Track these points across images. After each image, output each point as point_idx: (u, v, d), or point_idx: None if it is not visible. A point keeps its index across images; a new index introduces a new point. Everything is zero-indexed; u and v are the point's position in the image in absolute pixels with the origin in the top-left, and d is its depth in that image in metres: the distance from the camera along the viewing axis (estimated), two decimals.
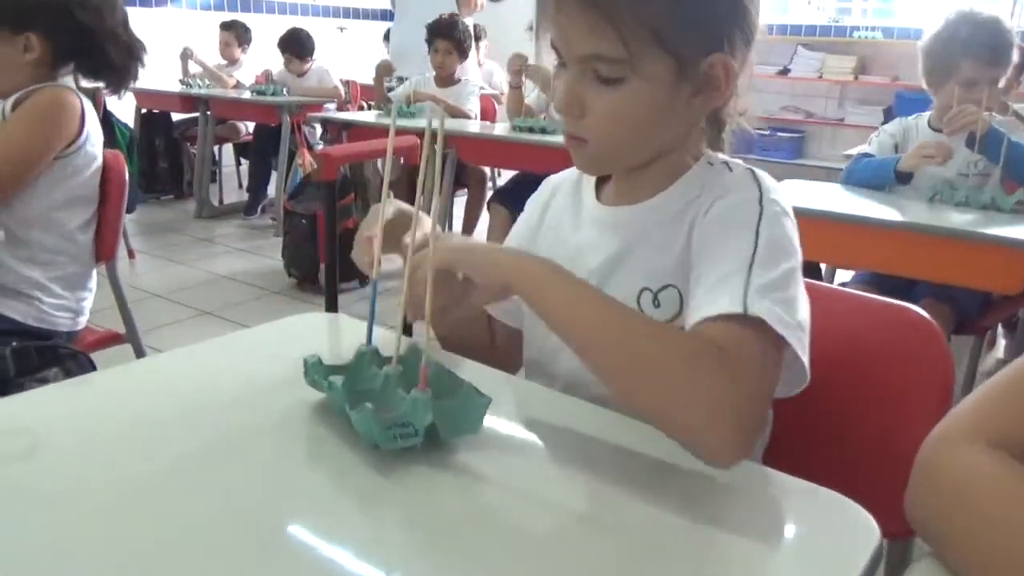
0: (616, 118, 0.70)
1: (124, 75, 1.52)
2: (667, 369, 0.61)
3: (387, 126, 1.97)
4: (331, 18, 6.18)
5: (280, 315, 0.99)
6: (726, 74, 0.71)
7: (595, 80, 0.70)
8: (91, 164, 1.50)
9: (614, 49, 0.67)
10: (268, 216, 4.36)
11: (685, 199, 0.76)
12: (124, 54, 1.50)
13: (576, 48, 0.70)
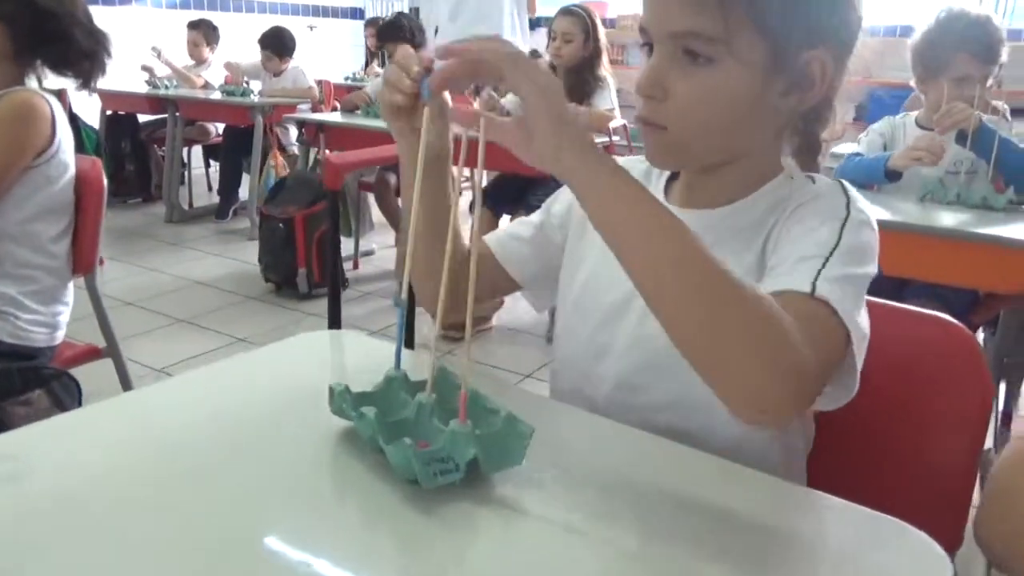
0: (701, 101, 0.67)
1: (93, 64, 1.44)
2: (740, 315, 0.56)
3: (365, 127, 1.95)
4: (300, 16, 6.07)
5: (259, 321, 0.94)
6: (822, 74, 0.68)
7: (684, 59, 0.66)
8: (64, 173, 1.43)
9: (712, 25, 0.64)
10: (245, 219, 4.27)
11: (764, 209, 0.73)
12: (91, 40, 1.42)
13: (670, 23, 0.66)
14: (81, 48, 1.41)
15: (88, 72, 1.44)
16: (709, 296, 0.56)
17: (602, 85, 2.93)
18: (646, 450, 0.67)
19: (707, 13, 0.63)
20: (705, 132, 0.69)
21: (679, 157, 0.74)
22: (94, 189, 1.51)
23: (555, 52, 2.93)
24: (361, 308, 3.05)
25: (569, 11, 2.96)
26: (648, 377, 0.76)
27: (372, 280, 3.40)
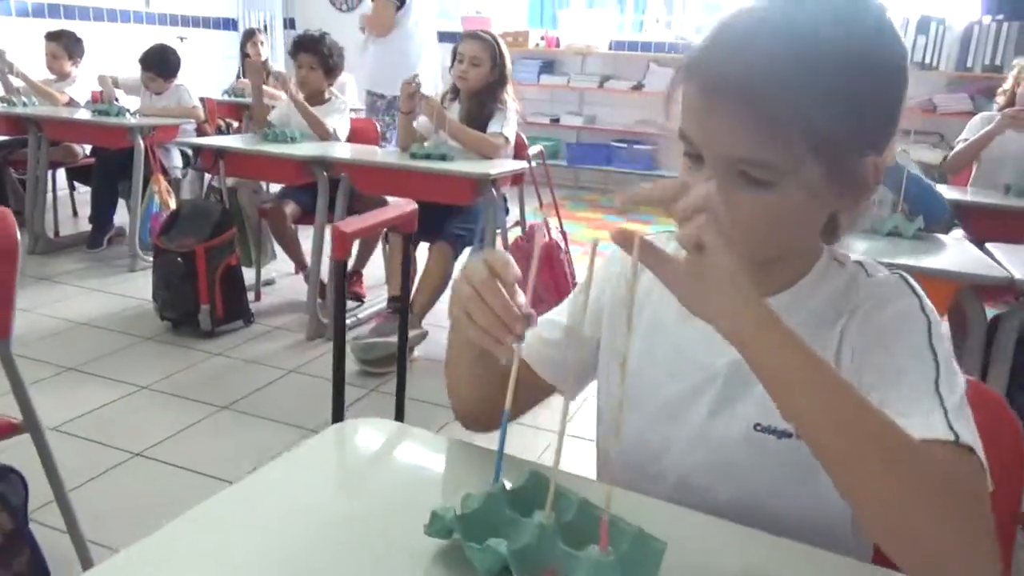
0: (755, 222, 0.66)
1: None
2: (924, 484, 0.55)
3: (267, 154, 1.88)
4: (169, 26, 5.70)
5: (161, 365, 0.87)
6: (875, 173, 0.68)
7: (739, 180, 0.65)
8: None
9: (771, 153, 0.62)
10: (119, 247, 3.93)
11: (823, 300, 0.73)
12: None
13: (729, 148, 0.64)
14: None
15: None
16: (892, 463, 0.56)
17: (501, 108, 2.92)
18: (769, 552, 0.65)
19: (766, 141, 0.62)
20: (758, 246, 0.68)
21: None
22: (4, 244, 1.32)
23: (460, 75, 2.90)
24: (271, 345, 2.88)
25: (477, 36, 2.94)
26: (713, 477, 0.75)
27: (278, 312, 3.22)
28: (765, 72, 0.61)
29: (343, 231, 1.02)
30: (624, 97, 6.11)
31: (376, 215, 1.16)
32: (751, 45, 0.63)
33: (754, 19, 0.64)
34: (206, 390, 2.46)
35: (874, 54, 0.64)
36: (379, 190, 2.90)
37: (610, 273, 0.86)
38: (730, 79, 0.62)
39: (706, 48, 0.67)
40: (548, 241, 2.79)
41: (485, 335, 0.65)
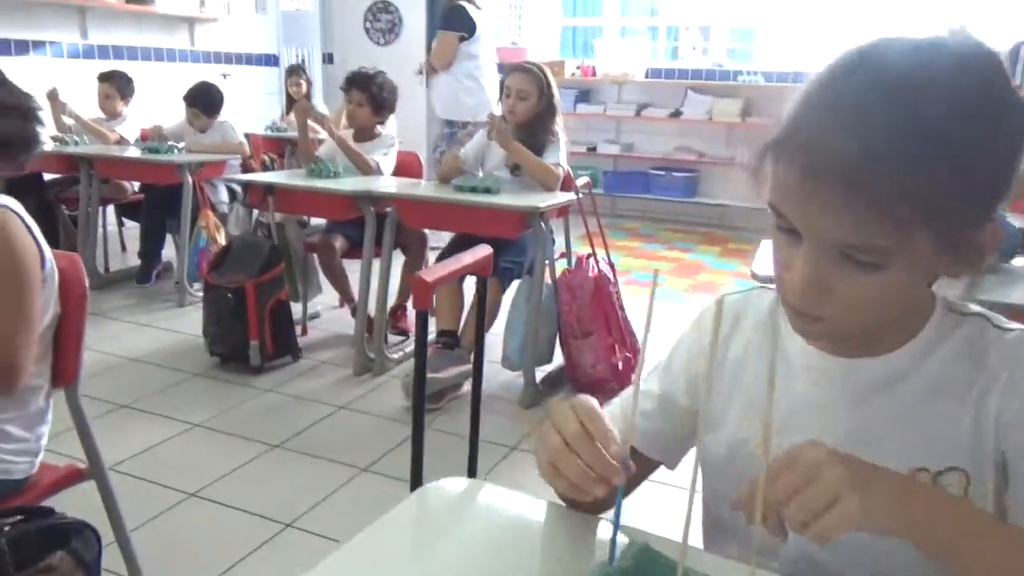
0: (867, 302, 0.62)
1: (26, 145, 1.22)
2: None
3: (316, 190, 1.86)
4: (213, 64, 5.82)
5: (211, 402, 0.84)
6: (992, 240, 0.63)
7: (845, 262, 0.60)
8: (54, 290, 1.26)
9: (883, 238, 0.57)
10: (167, 282, 3.99)
11: (945, 362, 0.68)
12: (16, 119, 1.20)
13: (834, 231, 0.59)
14: (7, 136, 1.19)
15: (20, 154, 1.23)
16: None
17: (553, 140, 2.92)
18: None
19: (878, 225, 0.57)
20: (871, 322, 0.65)
21: (841, 341, 0.70)
22: (75, 290, 1.33)
23: (509, 109, 2.90)
24: (319, 380, 2.87)
25: (524, 68, 2.94)
26: (833, 552, 0.70)
27: (324, 347, 3.22)
28: (872, 152, 0.56)
29: (425, 280, 0.99)
30: (662, 125, 6.09)
31: (455, 262, 1.14)
32: (852, 120, 0.57)
33: (850, 87, 0.59)
34: (257, 428, 2.45)
35: (992, 115, 0.58)
36: (426, 224, 2.90)
37: (701, 334, 0.82)
38: (833, 162, 0.57)
39: (799, 123, 0.61)
40: (597, 274, 2.75)
41: (575, 487, 0.63)
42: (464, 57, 4.43)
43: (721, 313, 0.81)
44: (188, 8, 5.33)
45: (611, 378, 2.75)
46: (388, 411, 2.61)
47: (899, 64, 0.58)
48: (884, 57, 0.59)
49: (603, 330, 2.73)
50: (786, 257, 0.64)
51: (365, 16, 7.00)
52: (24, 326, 1.15)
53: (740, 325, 0.80)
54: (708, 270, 4.72)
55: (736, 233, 5.88)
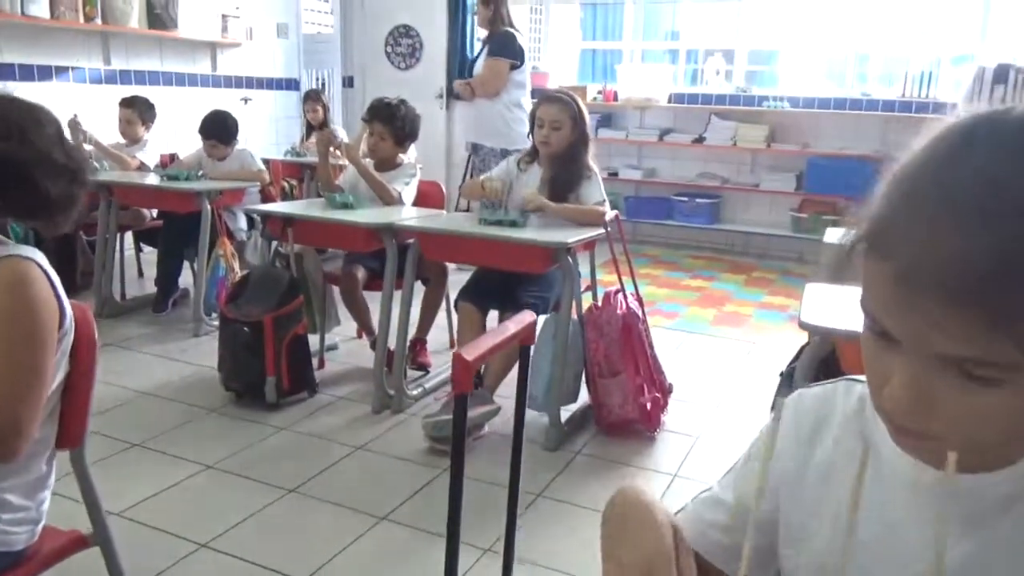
0: (987, 420, 0.50)
1: (67, 207, 1.15)
2: None
3: (337, 222, 1.76)
4: (234, 88, 5.82)
5: (226, 441, 0.76)
6: None
7: (957, 377, 0.49)
8: (66, 354, 1.18)
9: (1000, 353, 0.46)
10: (183, 309, 3.93)
11: None
12: (64, 181, 1.14)
13: (935, 348, 0.48)
14: (50, 197, 1.12)
15: (60, 217, 1.16)
16: None
17: (590, 175, 2.83)
18: None
19: (997, 340, 0.45)
20: (991, 442, 0.54)
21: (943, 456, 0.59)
22: (85, 344, 1.25)
23: (543, 139, 2.81)
24: (336, 418, 2.78)
25: (556, 98, 2.86)
26: None
27: (341, 381, 3.14)
28: (993, 256, 0.44)
29: (465, 360, 0.90)
30: (685, 150, 6.01)
31: (496, 334, 1.05)
32: (964, 218, 0.46)
33: (959, 177, 0.47)
34: (272, 470, 2.36)
35: None
36: (449, 257, 2.83)
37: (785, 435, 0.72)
38: (941, 270, 0.45)
39: (897, 215, 0.50)
40: (626, 311, 2.65)
41: None
42: (513, 85, 4.41)
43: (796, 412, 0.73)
44: (210, 33, 5.32)
45: (639, 419, 2.64)
46: (408, 452, 2.51)
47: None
48: (1004, 133, 0.49)
49: (632, 369, 2.62)
50: (882, 365, 0.53)
51: (386, 40, 6.99)
52: (34, 390, 1.07)
53: (826, 424, 0.70)
54: (733, 300, 4.60)
55: (760, 261, 5.76)
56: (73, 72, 4.74)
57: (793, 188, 5.68)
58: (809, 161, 5.60)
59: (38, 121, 1.12)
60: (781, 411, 0.73)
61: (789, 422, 0.72)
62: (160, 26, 5.01)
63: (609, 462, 2.50)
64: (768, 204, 5.91)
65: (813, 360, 1.68)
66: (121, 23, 4.74)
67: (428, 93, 6.71)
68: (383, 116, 3.17)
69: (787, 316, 4.29)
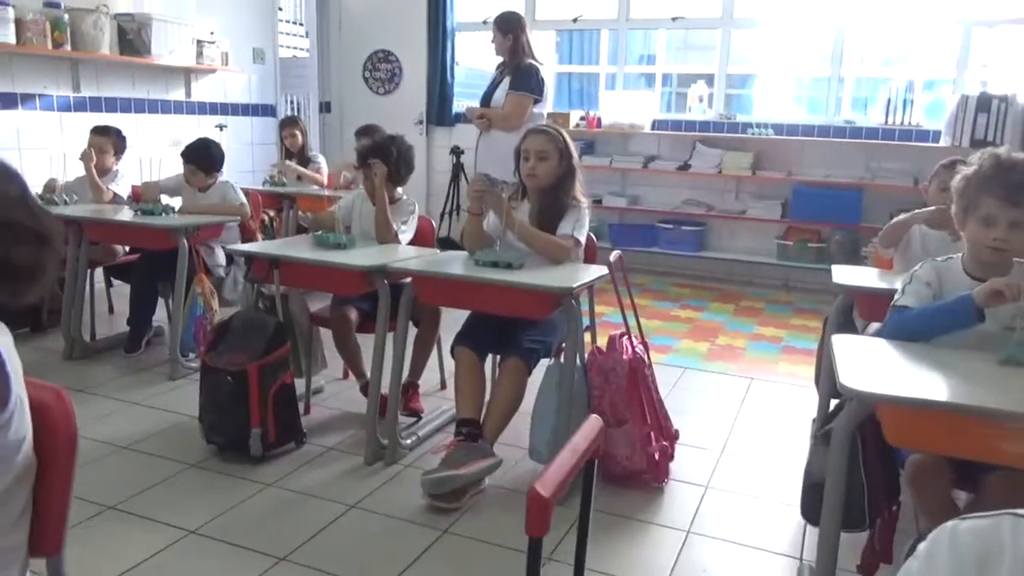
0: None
1: (33, 276, 1.01)
2: None
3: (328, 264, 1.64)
4: (208, 115, 5.64)
5: (209, 501, 0.65)
6: None
7: None
8: (21, 445, 1.03)
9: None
10: (158, 349, 3.73)
11: None
12: (30, 248, 0.99)
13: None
14: (15, 266, 0.97)
15: (27, 286, 1.01)
16: None
17: (575, 205, 2.73)
18: None
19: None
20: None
21: None
22: (61, 434, 1.10)
23: (529, 172, 2.71)
24: (326, 471, 2.62)
25: (541, 130, 2.78)
26: None
27: (329, 429, 2.97)
28: None
29: (543, 497, 0.77)
30: (670, 177, 5.95)
31: (571, 456, 0.92)
32: None
33: None
34: (261, 535, 2.20)
35: None
36: (446, 302, 2.70)
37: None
38: None
39: None
40: (632, 356, 2.54)
41: None
42: (532, 118, 4.32)
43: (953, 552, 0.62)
44: (185, 59, 5.16)
45: (647, 470, 2.52)
46: (406, 511, 2.36)
47: None
48: None
49: (639, 417, 2.51)
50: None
51: (364, 65, 6.88)
52: None
53: (993, 567, 0.59)
54: (725, 332, 4.52)
55: (746, 289, 5.70)
56: (40, 100, 4.54)
57: (779, 215, 5.65)
58: (794, 189, 5.57)
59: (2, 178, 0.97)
60: (933, 548, 0.62)
61: (944, 563, 0.60)
62: (132, 52, 4.84)
63: (619, 517, 2.37)
64: (753, 231, 5.87)
65: (851, 423, 1.58)
66: (92, 49, 4.56)
67: (407, 119, 6.60)
68: (381, 155, 3.04)
69: (780, 348, 4.22)
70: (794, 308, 5.15)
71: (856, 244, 5.42)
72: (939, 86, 6.15)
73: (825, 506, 1.61)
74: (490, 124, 4.45)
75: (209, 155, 3.69)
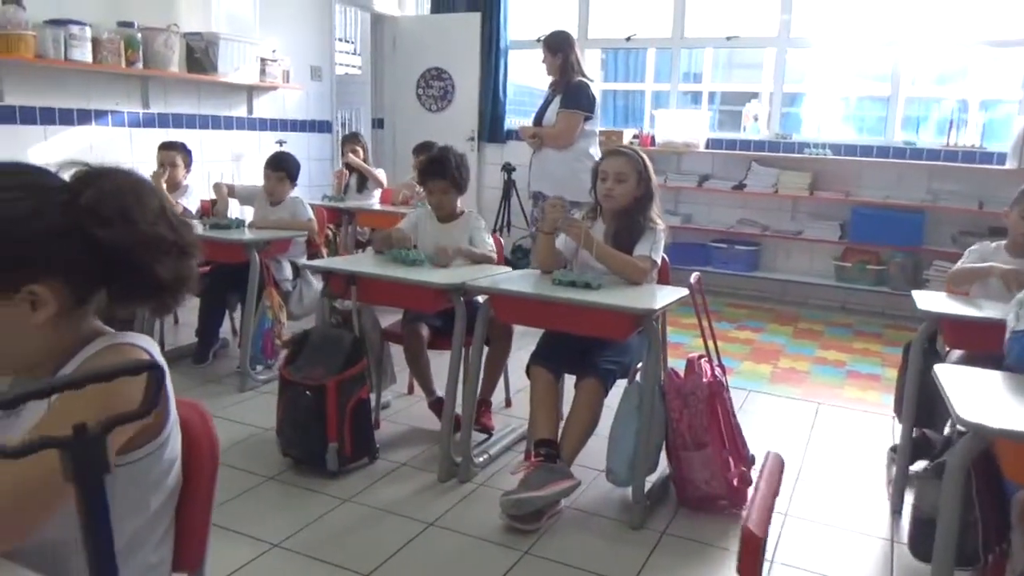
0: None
1: (178, 287, 1.02)
2: None
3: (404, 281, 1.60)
4: (269, 131, 5.75)
5: (290, 514, 0.67)
6: None
7: None
8: (174, 464, 1.05)
9: None
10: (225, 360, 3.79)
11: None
12: (174, 260, 1.00)
13: None
14: (160, 278, 0.98)
15: (171, 299, 1.03)
16: None
17: (652, 227, 2.73)
18: None
19: None
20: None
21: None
22: (205, 450, 1.12)
23: (606, 192, 2.72)
24: (401, 488, 2.62)
25: (621, 151, 2.79)
26: None
27: (400, 444, 2.98)
28: None
29: (756, 536, 0.76)
30: (724, 197, 5.91)
31: (768, 493, 0.91)
32: None
33: None
34: (343, 550, 2.21)
35: None
36: (523, 320, 2.69)
37: None
38: None
39: None
40: (712, 379, 2.51)
41: None
42: (582, 135, 4.35)
43: None
44: (249, 77, 5.27)
45: (725, 495, 2.49)
46: (484, 531, 2.36)
47: None
48: None
49: (718, 442, 2.48)
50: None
51: (417, 82, 6.95)
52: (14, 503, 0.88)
53: None
54: (786, 355, 4.45)
55: (802, 310, 5.62)
56: (112, 116, 4.67)
57: (837, 236, 5.57)
58: (854, 210, 5.49)
59: (139, 196, 0.97)
60: None
61: None
62: (199, 70, 4.95)
63: (700, 544, 2.34)
64: (809, 252, 5.79)
65: (967, 458, 1.54)
66: (161, 67, 4.68)
67: (459, 136, 6.65)
68: (437, 172, 3.07)
69: (844, 373, 4.15)
70: (854, 331, 5.06)
71: (917, 267, 5.32)
72: (995, 107, 6.05)
73: (938, 542, 1.57)
74: (542, 142, 4.48)
75: (295, 165, 3.84)
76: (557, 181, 4.51)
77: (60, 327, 0.96)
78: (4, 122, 4.09)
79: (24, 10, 3.90)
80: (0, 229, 0.89)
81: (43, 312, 0.93)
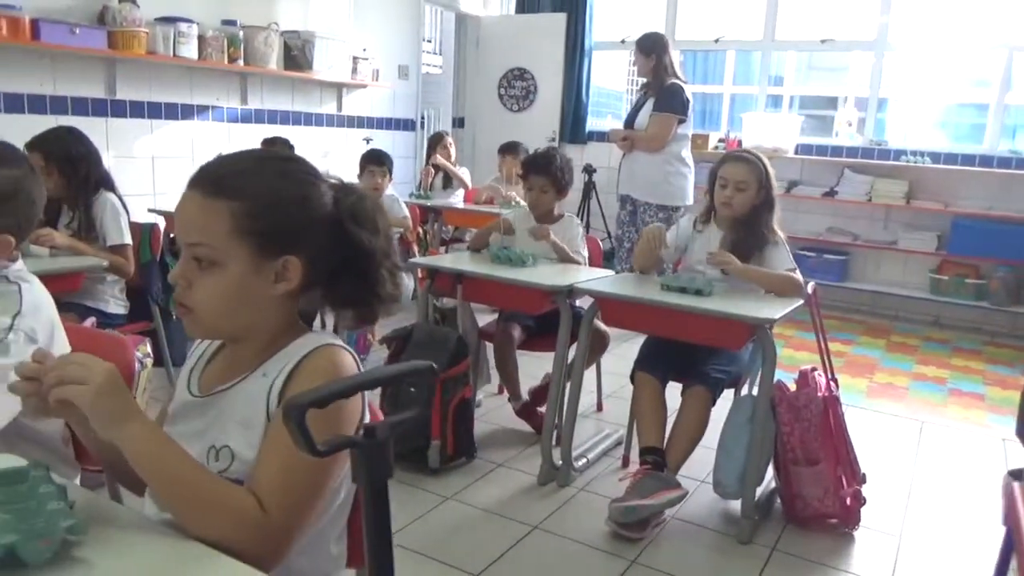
0: None
1: (390, 300, 1.09)
2: None
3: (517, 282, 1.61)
4: (356, 128, 5.85)
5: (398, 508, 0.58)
6: None
7: None
8: (346, 465, 1.07)
9: None
10: None
11: None
12: (394, 275, 1.08)
13: None
14: (379, 292, 1.07)
15: (379, 311, 1.10)
16: None
17: (776, 240, 2.66)
18: None
19: None
20: None
21: None
22: None
23: (725, 200, 2.65)
24: (500, 488, 2.62)
25: (742, 157, 2.70)
26: None
27: (495, 444, 2.98)
28: None
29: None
30: (814, 204, 5.75)
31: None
32: None
33: None
34: (452, 549, 2.22)
35: None
36: (630, 325, 2.66)
37: None
38: None
39: None
40: (826, 393, 2.44)
41: None
42: (676, 138, 4.30)
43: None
44: (341, 75, 5.36)
45: (837, 513, 2.41)
46: (589, 536, 2.33)
47: None
48: None
49: (832, 458, 2.40)
50: None
51: (500, 82, 6.97)
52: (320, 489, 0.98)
53: None
54: (882, 369, 4.30)
55: (894, 323, 5.43)
56: (212, 111, 4.81)
57: (934, 248, 5.36)
58: (954, 221, 5.27)
59: (383, 214, 1.08)
60: None
61: None
62: (295, 67, 5.06)
63: (812, 563, 2.27)
64: (902, 263, 5.59)
65: None
66: (261, 64, 4.79)
67: (540, 136, 6.64)
68: (541, 168, 3.07)
69: (946, 390, 3.98)
70: (952, 347, 4.85)
71: (1021, 282, 5.08)
72: None
73: None
74: (632, 146, 4.43)
75: (388, 159, 3.90)
76: (644, 184, 4.46)
77: (282, 307, 1.03)
78: (116, 115, 4.25)
79: (138, 8, 4.04)
80: (293, 202, 0.99)
81: (284, 285, 1.00)
